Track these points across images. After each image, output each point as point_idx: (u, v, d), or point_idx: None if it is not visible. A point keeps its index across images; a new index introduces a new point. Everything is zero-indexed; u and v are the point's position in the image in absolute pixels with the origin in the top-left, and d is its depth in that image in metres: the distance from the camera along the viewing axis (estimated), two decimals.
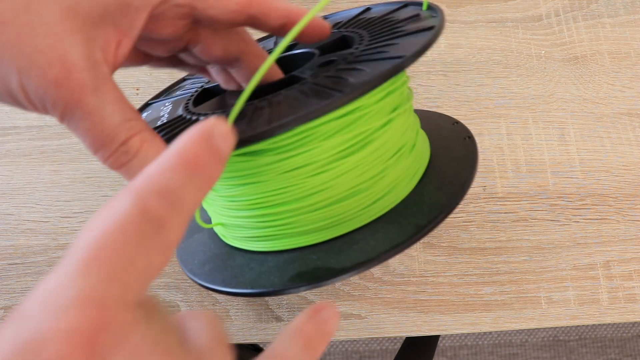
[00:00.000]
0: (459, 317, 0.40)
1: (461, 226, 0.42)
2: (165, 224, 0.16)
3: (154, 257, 0.16)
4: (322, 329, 0.21)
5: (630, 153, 0.44)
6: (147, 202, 0.16)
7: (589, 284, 0.41)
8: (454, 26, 0.47)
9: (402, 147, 0.29)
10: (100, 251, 0.15)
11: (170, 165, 0.17)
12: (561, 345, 1.06)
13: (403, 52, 0.25)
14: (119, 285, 0.14)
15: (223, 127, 0.19)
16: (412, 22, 0.29)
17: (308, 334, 0.21)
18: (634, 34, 0.47)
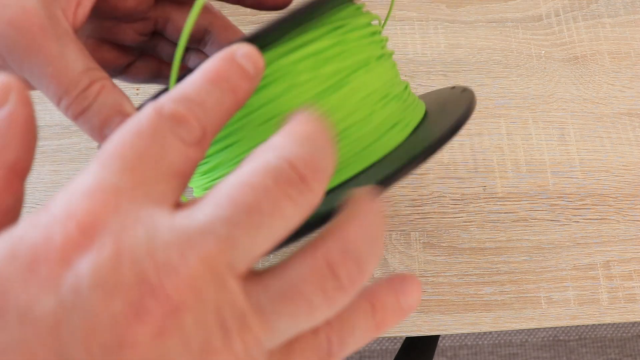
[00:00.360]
0: (459, 317, 0.40)
1: (461, 226, 0.42)
2: (184, 121, 0.16)
3: (170, 152, 0.16)
4: (397, 300, 0.19)
5: (630, 153, 0.44)
6: (163, 104, 0.16)
7: (589, 284, 0.41)
8: (454, 26, 0.47)
9: (388, 94, 0.27)
10: (117, 147, 0.15)
11: (191, 80, 0.18)
12: (561, 345, 1.06)
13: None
14: (129, 178, 0.15)
15: (246, 47, 0.19)
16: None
17: (380, 301, 0.18)
18: (634, 34, 0.47)
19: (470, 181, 0.43)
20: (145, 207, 0.15)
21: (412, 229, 0.42)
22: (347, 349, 0.18)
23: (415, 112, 0.29)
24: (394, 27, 0.47)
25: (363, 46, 0.27)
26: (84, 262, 0.14)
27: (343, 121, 0.26)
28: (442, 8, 0.48)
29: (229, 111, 0.18)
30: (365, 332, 0.18)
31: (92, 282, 0.13)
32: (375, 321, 0.18)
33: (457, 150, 0.44)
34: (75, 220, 0.14)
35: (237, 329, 0.15)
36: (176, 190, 0.16)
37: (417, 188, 0.43)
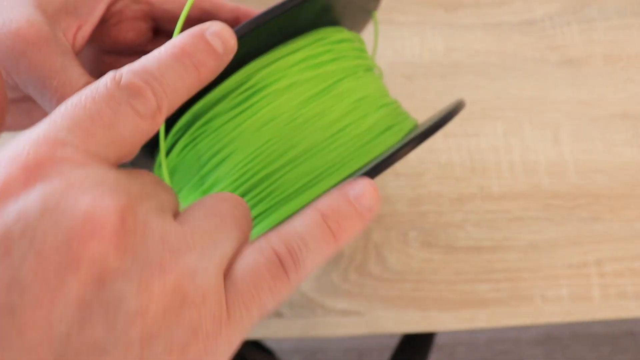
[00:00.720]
0: (456, 314, 0.41)
1: (458, 225, 0.43)
2: (139, 93, 0.17)
3: (122, 120, 0.16)
4: (349, 204, 0.19)
5: (623, 154, 0.45)
6: (122, 74, 0.17)
7: (582, 281, 0.42)
8: (451, 30, 0.48)
9: (379, 101, 0.28)
10: (69, 108, 0.16)
11: (155, 54, 0.18)
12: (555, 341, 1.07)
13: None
14: (78, 134, 0.16)
15: (218, 25, 0.19)
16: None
17: (331, 209, 0.18)
18: (626, 37, 0.48)
19: (467, 181, 0.44)
20: (90, 162, 0.16)
21: (410, 227, 0.43)
22: (305, 263, 0.18)
23: (407, 121, 0.30)
24: (393, 30, 0.48)
25: (350, 57, 0.28)
26: (31, 193, 0.14)
27: (338, 122, 0.26)
28: (440, 12, 0.48)
29: (190, 88, 0.18)
30: (322, 242, 0.18)
31: (41, 208, 0.14)
32: (330, 230, 0.18)
33: (454, 151, 0.45)
34: (20, 162, 0.15)
35: (175, 253, 0.16)
36: (120, 158, 0.17)
37: (415, 188, 0.44)
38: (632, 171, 0.44)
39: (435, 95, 0.46)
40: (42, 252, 0.14)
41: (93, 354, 0.14)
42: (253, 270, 0.17)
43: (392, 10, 0.48)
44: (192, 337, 0.15)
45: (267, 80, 0.25)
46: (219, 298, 0.16)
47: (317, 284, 0.42)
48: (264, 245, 0.18)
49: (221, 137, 0.26)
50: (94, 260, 0.14)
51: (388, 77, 0.47)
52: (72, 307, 0.14)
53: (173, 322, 0.15)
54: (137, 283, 0.15)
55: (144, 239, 0.15)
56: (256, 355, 0.56)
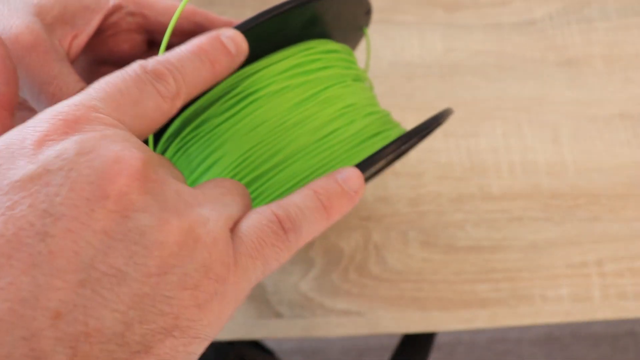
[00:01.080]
0: (456, 314, 0.41)
1: (458, 225, 0.43)
2: (162, 77, 0.19)
3: (146, 98, 0.19)
4: (338, 185, 0.21)
5: (622, 154, 0.45)
6: (148, 62, 0.20)
7: (582, 281, 0.42)
8: (450, 30, 0.48)
9: (368, 110, 0.29)
10: (101, 84, 0.19)
11: (177, 50, 0.21)
12: (555, 341, 1.07)
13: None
14: (109, 104, 0.18)
15: (231, 31, 0.22)
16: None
17: (322, 188, 0.21)
18: (626, 37, 0.48)
19: (467, 181, 0.44)
20: (119, 126, 0.18)
21: (410, 227, 0.43)
22: (301, 228, 0.20)
23: (395, 129, 0.30)
24: (392, 30, 0.48)
25: (339, 66, 0.29)
26: (70, 139, 0.16)
27: (325, 126, 0.27)
28: (439, 12, 0.49)
29: (207, 79, 0.21)
30: (315, 213, 0.20)
31: (78, 149, 0.16)
32: (322, 204, 0.21)
33: (453, 151, 0.45)
34: (61, 117, 0.17)
35: (188, 205, 0.18)
36: (142, 132, 0.19)
37: (414, 188, 0.44)
38: (632, 171, 0.44)
39: (435, 96, 0.46)
40: (75, 185, 0.15)
41: (114, 279, 0.15)
42: (256, 227, 0.19)
43: (392, 10, 0.49)
44: (204, 276, 0.17)
45: (257, 85, 0.26)
46: (226, 245, 0.18)
47: (317, 284, 0.42)
48: (266, 209, 0.20)
49: (211, 142, 0.27)
50: (120, 194, 0.16)
51: (387, 77, 0.47)
52: (98, 236, 0.15)
53: (187, 258, 0.17)
54: (157, 219, 0.16)
55: (162, 188, 0.17)
56: (256, 355, 0.56)
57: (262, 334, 0.41)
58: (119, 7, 0.29)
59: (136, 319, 0.16)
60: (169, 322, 0.16)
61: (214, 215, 0.18)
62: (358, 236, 0.43)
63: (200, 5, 0.49)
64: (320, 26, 0.29)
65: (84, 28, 0.27)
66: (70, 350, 0.15)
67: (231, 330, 0.41)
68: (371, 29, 0.48)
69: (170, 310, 0.16)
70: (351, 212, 0.43)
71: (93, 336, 0.15)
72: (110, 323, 0.15)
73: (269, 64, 0.27)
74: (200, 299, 0.17)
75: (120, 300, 0.15)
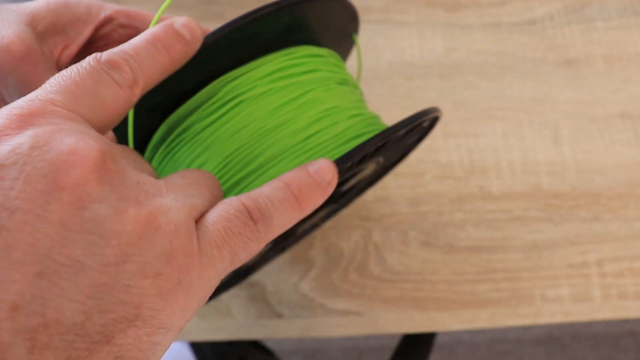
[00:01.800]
0: (456, 314, 0.41)
1: (458, 225, 0.43)
2: (117, 66, 0.20)
3: (103, 87, 0.19)
4: (309, 175, 0.22)
5: (622, 153, 0.45)
6: (102, 54, 0.20)
7: (583, 281, 0.42)
8: (451, 30, 0.48)
9: (351, 112, 0.29)
10: (57, 79, 0.19)
11: (131, 40, 0.21)
12: (555, 341, 1.07)
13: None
14: (66, 96, 0.18)
15: (184, 18, 0.22)
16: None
17: (293, 179, 0.21)
18: (626, 37, 0.48)
19: (467, 181, 0.44)
20: (76, 118, 0.18)
21: (410, 227, 0.43)
22: (272, 218, 0.20)
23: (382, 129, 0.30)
24: (393, 30, 0.48)
25: (323, 70, 0.29)
26: (24, 133, 0.16)
27: (307, 129, 0.27)
28: (440, 12, 0.49)
29: (164, 66, 0.21)
30: (286, 202, 0.20)
31: (32, 144, 0.16)
32: (293, 194, 0.21)
33: (453, 151, 0.45)
34: (16, 113, 0.17)
35: (149, 195, 0.18)
36: (103, 123, 0.19)
37: (414, 188, 0.44)
38: (632, 171, 0.44)
39: (435, 95, 0.46)
40: (29, 179, 0.16)
41: (72, 270, 0.16)
42: (223, 216, 0.19)
43: (392, 10, 0.49)
44: (166, 264, 0.17)
45: (239, 90, 0.27)
46: (189, 234, 0.18)
47: (317, 284, 0.42)
48: (234, 199, 0.20)
49: (196, 146, 0.27)
50: (75, 186, 0.16)
51: (388, 77, 0.47)
52: (54, 228, 0.16)
53: (147, 246, 0.17)
54: (114, 209, 0.17)
55: (122, 179, 0.17)
56: (256, 355, 0.56)
57: (262, 334, 0.41)
58: (110, 19, 0.29)
59: (96, 308, 0.16)
60: (130, 312, 0.16)
61: (176, 204, 0.18)
62: (358, 236, 0.43)
63: (200, 4, 0.49)
64: (305, 33, 0.29)
65: (75, 38, 0.28)
66: (29, 341, 0.15)
67: (231, 330, 0.41)
68: (371, 29, 0.48)
69: (130, 300, 0.16)
70: (351, 212, 0.43)
71: (52, 327, 0.15)
72: (69, 313, 0.15)
73: (252, 68, 0.27)
74: (163, 288, 0.17)
75: (78, 290, 0.16)
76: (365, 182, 0.37)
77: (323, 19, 0.29)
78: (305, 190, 0.21)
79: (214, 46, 0.25)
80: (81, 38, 0.28)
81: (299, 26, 0.28)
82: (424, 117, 0.26)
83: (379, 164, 0.33)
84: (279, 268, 0.42)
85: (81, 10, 0.28)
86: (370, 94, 0.46)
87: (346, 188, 0.34)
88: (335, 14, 0.30)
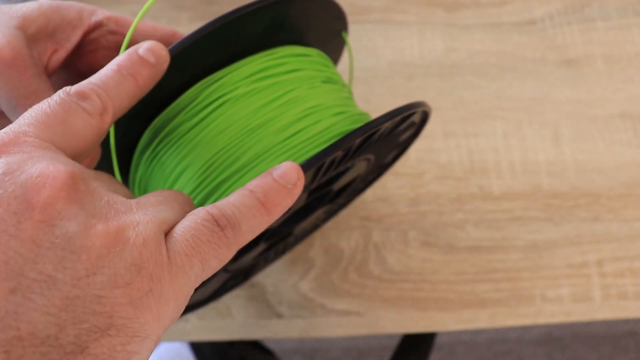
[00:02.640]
0: (456, 314, 0.41)
1: (458, 225, 0.43)
2: (86, 96, 0.21)
3: (73, 117, 0.20)
4: (273, 179, 0.22)
5: (622, 154, 0.45)
6: (71, 87, 0.21)
7: (583, 281, 0.42)
8: (451, 30, 0.48)
9: (336, 110, 0.29)
10: (30, 112, 0.20)
11: (97, 73, 0.22)
12: (555, 341, 1.07)
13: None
14: (37, 127, 0.19)
15: (148, 43, 0.23)
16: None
17: (257, 186, 0.22)
18: (626, 37, 0.48)
19: (467, 181, 0.44)
20: (48, 146, 0.19)
21: (410, 227, 0.43)
22: (240, 224, 0.21)
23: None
24: (393, 30, 0.48)
25: (307, 69, 0.29)
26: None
27: (289, 127, 0.27)
28: (440, 12, 0.49)
29: (132, 92, 0.23)
30: (252, 209, 0.21)
31: (5, 169, 0.17)
32: (258, 200, 0.21)
33: (453, 151, 0.45)
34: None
35: (119, 212, 0.19)
36: (76, 150, 0.21)
37: (414, 188, 0.44)
38: (632, 171, 0.44)
39: (435, 96, 0.46)
40: (2, 201, 0.17)
41: (44, 284, 0.16)
42: (190, 226, 0.20)
43: (392, 10, 0.49)
44: (136, 274, 0.18)
45: (222, 91, 0.27)
46: (158, 245, 0.19)
47: (317, 284, 0.42)
48: (200, 209, 0.20)
49: (181, 149, 0.27)
50: (46, 205, 0.17)
51: (387, 77, 0.47)
52: (26, 245, 0.16)
53: (117, 258, 0.18)
54: (83, 225, 0.17)
55: (91, 198, 0.18)
56: (256, 355, 0.56)
57: (262, 334, 0.41)
58: (99, 24, 0.30)
59: (69, 320, 0.16)
60: (103, 321, 0.17)
61: (145, 218, 0.19)
62: (358, 236, 0.43)
63: (200, 4, 0.49)
64: (289, 33, 0.29)
65: (64, 43, 0.29)
66: (4, 354, 0.16)
67: (231, 330, 0.41)
68: (371, 29, 0.48)
69: (102, 310, 0.17)
70: (351, 212, 0.43)
71: (26, 339, 0.16)
72: (42, 326, 0.16)
73: (235, 69, 0.27)
74: (134, 296, 0.18)
75: (51, 303, 0.16)
76: (363, 181, 0.37)
77: (305, 18, 0.30)
78: (271, 194, 0.22)
79: (191, 51, 0.25)
80: (70, 43, 0.29)
81: (280, 26, 0.28)
82: (404, 113, 0.26)
83: (371, 162, 0.33)
84: (279, 268, 0.42)
85: (72, 15, 0.29)
86: (370, 94, 0.46)
87: (338, 187, 0.34)
88: (317, 13, 0.30)
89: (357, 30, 0.48)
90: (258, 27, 0.27)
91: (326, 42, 0.34)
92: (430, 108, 0.30)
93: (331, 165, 0.27)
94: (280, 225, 0.34)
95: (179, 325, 0.41)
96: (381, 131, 0.27)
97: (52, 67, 0.29)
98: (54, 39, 0.28)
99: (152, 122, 0.28)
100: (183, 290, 0.19)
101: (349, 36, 0.48)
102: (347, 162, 0.28)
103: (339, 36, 0.34)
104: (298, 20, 0.29)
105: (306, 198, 0.31)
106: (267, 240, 0.34)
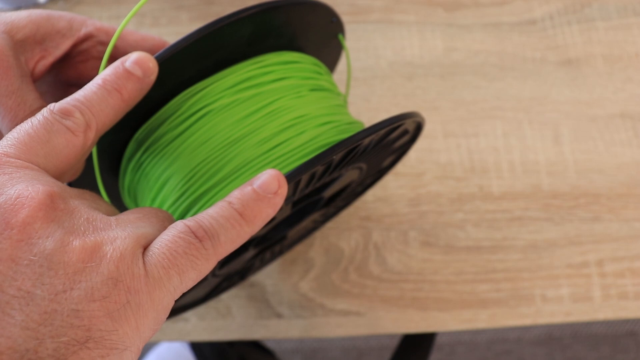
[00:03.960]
0: (456, 314, 0.41)
1: (458, 225, 0.43)
2: (69, 113, 0.21)
3: (55, 136, 0.20)
4: (252, 190, 0.22)
5: (622, 154, 0.45)
6: (55, 105, 0.21)
7: (583, 281, 0.42)
8: (451, 30, 0.48)
9: (323, 119, 0.28)
10: (13, 132, 0.20)
11: (82, 88, 0.22)
12: (555, 341, 1.07)
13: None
14: (19, 148, 0.20)
15: (135, 54, 0.23)
16: None
17: (236, 198, 0.22)
18: (626, 37, 0.48)
19: (467, 181, 0.44)
20: (29, 166, 0.20)
21: (410, 227, 0.43)
22: (218, 236, 0.21)
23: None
24: (393, 30, 0.48)
25: (295, 77, 0.29)
26: None
27: (272, 139, 0.27)
28: (440, 12, 0.49)
29: (117, 107, 0.22)
30: (231, 220, 0.21)
31: None
32: (237, 211, 0.21)
33: (453, 151, 0.45)
34: None
35: (97, 229, 0.19)
36: (59, 169, 0.21)
37: (414, 188, 0.44)
38: (632, 171, 0.44)
39: (435, 96, 0.46)
40: None
41: (22, 300, 0.17)
42: (168, 239, 0.20)
43: (392, 10, 0.49)
44: (113, 287, 0.18)
45: (205, 101, 0.27)
46: (135, 258, 0.19)
47: (317, 284, 0.42)
48: (178, 222, 0.21)
49: (164, 159, 0.27)
50: (24, 225, 0.18)
51: (387, 77, 0.47)
52: (6, 263, 0.17)
53: (94, 273, 0.18)
54: (60, 242, 0.18)
55: (70, 216, 0.19)
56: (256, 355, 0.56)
57: (262, 334, 0.41)
58: (90, 35, 0.30)
59: (47, 334, 0.17)
60: (81, 334, 0.17)
61: (123, 234, 0.19)
62: (358, 236, 0.43)
63: (200, 4, 0.49)
64: (277, 39, 0.29)
65: (52, 51, 0.29)
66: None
67: (231, 330, 0.41)
68: (371, 29, 0.48)
69: (80, 323, 0.17)
70: (351, 212, 0.43)
71: (5, 354, 0.16)
72: (21, 340, 0.17)
73: (219, 78, 0.27)
74: (111, 309, 0.18)
75: (30, 318, 0.17)
76: (361, 185, 0.37)
77: (294, 24, 0.29)
78: (250, 204, 0.21)
79: (172, 62, 0.25)
80: (58, 51, 0.29)
81: (266, 34, 0.28)
82: (387, 126, 0.26)
83: (364, 170, 0.32)
84: (279, 268, 0.42)
85: (62, 24, 0.29)
86: (370, 94, 0.46)
87: (330, 194, 0.33)
88: (308, 18, 0.30)
89: (357, 30, 0.48)
90: (242, 36, 0.27)
91: (322, 46, 0.33)
92: (421, 117, 0.29)
93: (312, 179, 0.27)
94: (269, 231, 0.34)
95: (179, 325, 0.41)
96: (365, 144, 0.26)
97: (38, 73, 0.29)
98: (42, 46, 0.28)
99: (135, 132, 0.28)
100: (162, 301, 0.19)
101: (349, 36, 0.48)
102: (331, 173, 0.28)
103: (335, 39, 0.34)
104: (286, 27, 0.29)
105: (291, 208, 0.31)
106: (256, 246, 0.34)
